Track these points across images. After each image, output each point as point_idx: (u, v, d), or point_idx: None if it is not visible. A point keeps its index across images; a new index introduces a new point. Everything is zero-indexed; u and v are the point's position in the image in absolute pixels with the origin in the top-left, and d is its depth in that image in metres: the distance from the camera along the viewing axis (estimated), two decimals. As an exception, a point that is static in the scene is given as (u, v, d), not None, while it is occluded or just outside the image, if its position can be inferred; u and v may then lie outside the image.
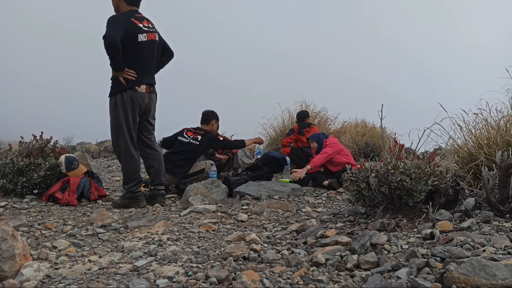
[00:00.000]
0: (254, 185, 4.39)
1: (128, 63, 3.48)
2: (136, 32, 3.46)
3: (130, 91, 3.55)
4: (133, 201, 3.68)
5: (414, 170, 2.66)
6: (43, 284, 1.79)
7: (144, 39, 3.52)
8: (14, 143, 4.82)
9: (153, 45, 3.64)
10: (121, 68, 3.45)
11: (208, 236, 2.66)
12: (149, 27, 3.60)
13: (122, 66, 3.44)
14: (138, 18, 3.53)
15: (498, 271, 1.52)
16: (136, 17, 3.52)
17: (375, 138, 9.25)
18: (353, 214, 3.01)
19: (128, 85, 3.53)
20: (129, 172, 3.68)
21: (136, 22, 3.48)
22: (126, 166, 3.68)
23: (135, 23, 3.47)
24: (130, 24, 3.43)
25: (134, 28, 3.45)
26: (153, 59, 3.71)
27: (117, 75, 3.51)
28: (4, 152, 4.27)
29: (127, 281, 1.80)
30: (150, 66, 3.69)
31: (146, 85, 3.64)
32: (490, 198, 2.42)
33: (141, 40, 3.50)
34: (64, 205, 3.78)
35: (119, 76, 3.50)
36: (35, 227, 2.84)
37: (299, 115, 7.45)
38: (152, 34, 3.60)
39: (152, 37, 3.60)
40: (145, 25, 3.56)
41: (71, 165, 4.23)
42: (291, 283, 1.76)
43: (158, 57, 3.80)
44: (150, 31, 3.59)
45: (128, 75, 3.50)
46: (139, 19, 3.53)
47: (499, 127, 3.32)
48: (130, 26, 3.42)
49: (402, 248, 2.05)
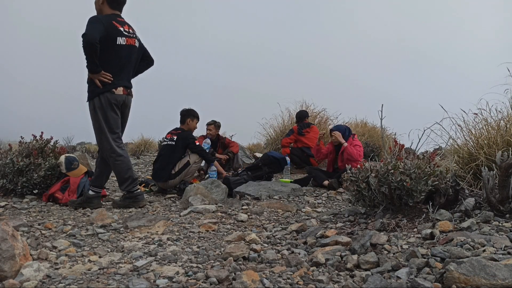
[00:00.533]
0: (254, 185, 4.39)
1: (105, 65, 3.46)
2: (115, 35, 3.46)
3: (108, 94, 3.52)
4: (133, 201, 3.68)
5: (414, 170, 2.66)
6: (43, 284, 1.79)
7: (123, 43, 3.53)
8: (14, 143, 4.82)
9: (131, 50, 3.64)
10: (97, 70, 3.42)
11: (208, 236, 2.66)
12: (130, 32, 3.61)
13: (98, 68, 3.42)
14: (119, 22, 3.55)
15: (498, 271, 1.52)
16: (118, 21, 3.54)
17: (375, 138, 9.26)
18: (353, 214, 3.01)
19: (105, 88, 3.51)
20: (121, 172, 3.66)
21: (117, 25, 3.50)
22: (116, 166, 3.66)
23: (115, 26, 3.49)
24: (110, 26, 3.44)
25: (114, 30, 3.46)
26: (130, 64, 3.70)
27: (93, 78, 3.48)
28: (4, 152, 4.27)
29: (127, 281, 1.80)
30: (127, 70, 3.67)
31: (123, 87, 3.62)
32: (490, 198, 2.42)
33: (120, 43, 3.50)
34: (64, 205, 3.78)
35: (95, 79, 3.47)
36: (35, 227, 2.84)
37: (299, 115, 7.41)
38: (132, 39, 3.62)
39: (131, 42, 3.61)
40: (126, 30, 3.57)
41: (71, 165, 4.24)
42: (291, 283, 1.76)
43: (136, 63, 3.79)
44: (130, 36, 3.60)
45: (104, 77, 3.47)
46: (120, 23, 3.55)
47: (499, 127, 3.31)
48: (110, 28, 3.43)
49: (402, 248, 2.05)
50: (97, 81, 3.47)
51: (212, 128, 6.60)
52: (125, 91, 3.65)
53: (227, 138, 7.02)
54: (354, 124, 10.17)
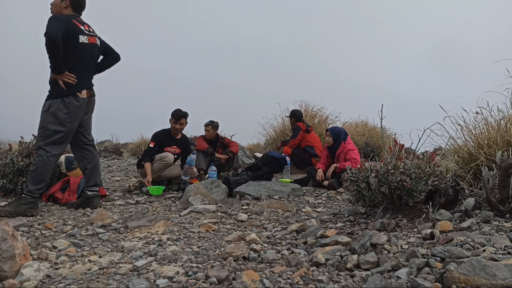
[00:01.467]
0: (254, 185, 4.39)
1: (69, 65, 3.40)
2: (77, 33, 3.43)
3: (72, 97, 3.45)
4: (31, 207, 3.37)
5: (414, 170, 2.66)
6: (43, 284, 1.79)
7: (86, 41, 3.49)
8: (14, 143, 4.82)
9: (93, 49, 3.61)
10: (61, 71, 3.35)
11: (208, 236, 2.66)
12: (90, 31, 3.59)
13: (62, 68, 3.35)
14: (79, 21, 3.53)
15: (498, 271, 1.52)
16: (78, 20, 3.52)
17: (375, 138, 9.26)
18: (353, 214, 3.01)
19: (70, 91, 3.44)
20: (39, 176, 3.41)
21: (77, 24, 3.47)
22: (38, 163, 3.41)
23: (76, 24, 3.45)
24: (71, 24, 3.40)
25: (75, 28, 3.42)
26: (93, 62, 3.67)
27: (56, 78, 3.38)
28: (4, 152, 4.28)
29: (127, 281, 1.80)
30: (90, 69, 3.64)
31: (86, 89, 3.58)
32: (490, 198, 2.42)
33: (82, 42, 3.46)
34: (64, 205, 3.78)
35: (59, 80, 3.38)
36: (35, 227, 2.84)
37: (298, 113, 7.29)
38: (93, 37, 3.59)
39: (92, 40, 3.59)
40: (86, 29, 3.54)
41: (71, 165, 4.24)
42: (291, 283, 1.76)
43: (96, 61, 3.75)
44: (91, 34, 3.58)
45: (68, 79, 3.40)
46: (80, 22, 3.53)
47: (499, 127, 3.31)
48: (71, 26, 3.39)
49: (402, 248, 2.05)
50: (60, 82, 3.38)
51: (210, 129, 6.59)
52: (88, 93, 3.60)
53: (226, 138, 7.00)
54: (354, 124, 10.18)
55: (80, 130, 3.69)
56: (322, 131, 7.97)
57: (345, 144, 5.04)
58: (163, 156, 4.92)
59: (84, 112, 3.65)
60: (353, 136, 8.67)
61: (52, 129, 3.42)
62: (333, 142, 5.10)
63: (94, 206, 3.62)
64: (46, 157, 3.40)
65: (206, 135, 6.60)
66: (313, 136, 6.99)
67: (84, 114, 3.65)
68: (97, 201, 3.71)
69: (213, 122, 6.64)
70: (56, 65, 3.32)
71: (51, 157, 3.44)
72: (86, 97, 3.57)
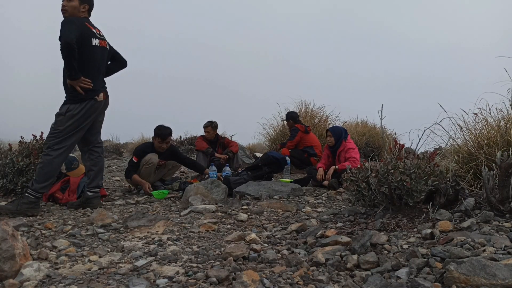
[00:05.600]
0: (254, 185, 4.39)
1: (83, 68, 3.41)
2: (90, 36, 3.46)
3: (91, 102, 3.48)
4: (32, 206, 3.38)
5: (414, 170, 2.66)
6: (43, 284, 1.79)
7: (97, 44, 3.53)
8: (14, 143, 4.82)
9: (104, 52, 3.65)
10: (77, 77, 3.36)
11: (208, 236, 2.66)
12: (100, 34, 3.63)
13: (78, 74, 3.36)
14: (91, 24, 3.56)
15: (498, 271, 1.52)
16: (89, 23, 3.55)
17: (375, 138, 9.26)
18: (353, 214, 3.01)
19: (89, 95, 3.46)
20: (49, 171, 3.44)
21: (90, 27, 3.50)
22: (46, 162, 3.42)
23: (89, 27, 3.48)
24: (84, 27, 3.43)
25: (88, 31, 3.45)
26: (104, 65, 3.72)
27: (73, 84, 3.39)
28: (4, 152, 4.28)
29: (127, 281, 1.80)
30: (102, 71, 3.69)
31: (103, 92, 3.62)
32: (490, 198, 2.42)
33: (95, 45, 3.50)
34: (64, 205, 3.78)
35: (76, 86, 3.39)
36: (35, 227, 2.84)
37: (294, 115, 7.23)
38: (103, 41, 3.63)
39: (103, 44, 3.62)
40: (97, 32, 3.58)
41: (71, 165, 4.24)
42: (291, 283, 1.76)
43: (106, 65, 3.79)
44: (102, 38, 3.62)
45: (85, 84, 3.42)
46: (92, 25, 3.55)
47: (499, 127, 3.31)
48: (84, 29, 3.42)
49: (402, 248, 2.05)
50: (78, 88, 3.40)
51: (209, 130, 6.60)
52: (105, 95, 3.65)
53: (226, 138, 7.01)
54: (355, 124, 10.17)
55: (92, 132, 3.73)
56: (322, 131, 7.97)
57: (346, 142, 5.06)
58: (147, 159, 4.82)
59: (99, 114, 3.69)
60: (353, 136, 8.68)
61: (66, 131, 3.44)
62: (334, 141, 5.10)
63: (94, 206, 3.63)
64: (54, 156, 3.42)
65: (206, 136, 6.61)
66: (312, 136, 6.98)
67: (98, 116, 3.69)
68: (97, 201, 3.71)
69: (212, 123, 6.64)
70: (72, 71, 3.33)
71: (59, 156, 3.46)
72: (103, 99, 3.62)
